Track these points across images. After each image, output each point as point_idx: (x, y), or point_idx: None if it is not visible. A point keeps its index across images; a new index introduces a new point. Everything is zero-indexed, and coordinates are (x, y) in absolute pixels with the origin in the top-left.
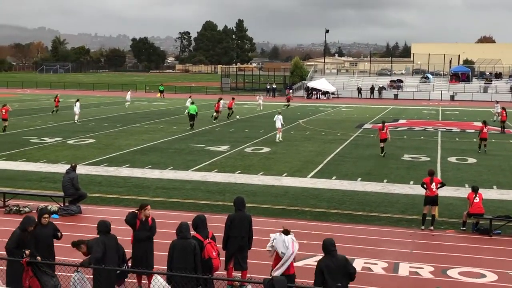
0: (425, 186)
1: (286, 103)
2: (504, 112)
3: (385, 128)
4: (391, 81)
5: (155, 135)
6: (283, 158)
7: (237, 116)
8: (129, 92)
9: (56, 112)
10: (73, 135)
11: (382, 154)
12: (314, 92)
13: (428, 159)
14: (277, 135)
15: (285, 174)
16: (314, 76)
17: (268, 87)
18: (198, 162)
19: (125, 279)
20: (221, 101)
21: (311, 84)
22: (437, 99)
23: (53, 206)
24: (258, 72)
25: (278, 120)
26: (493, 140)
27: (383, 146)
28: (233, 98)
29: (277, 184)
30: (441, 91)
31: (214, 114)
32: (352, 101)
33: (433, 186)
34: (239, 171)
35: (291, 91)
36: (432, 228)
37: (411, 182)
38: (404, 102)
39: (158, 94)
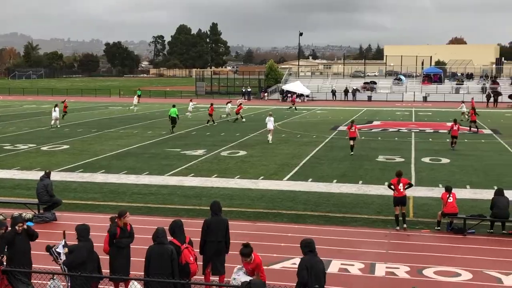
0: (392, 187)
1: (292, 105)
2: (473, 112)
3: (353, 127)
4: (364, 83)
5: (130, 140)
6: (260, 161)
7: (243, 120)
8: (135, 97)
9: (63, 117)
10: (47, 141)
11: (351, 153)
12: (289, 95)
13: (403, 160)
14: (269, 137)
15: (262, 177)
16: (288, 78)
17: (244, 90)
18: (174, 166)
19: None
20: (229, 105)
21: (286, 87)
22: (410, 101)
23: (28, 214)
24: (233, 76)
25: (270, 122)
26: (465, 140)
27: (353, 145)
28: (240, 104)
29: (254, 187)
30: (414, 92)
31: (209, 118)
32: (327, 103)
33: (401, 186)
34: (216, 175)
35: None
36: (405, 226)
37: (386, 183)
38: (378, 104)
39: (137, 99)
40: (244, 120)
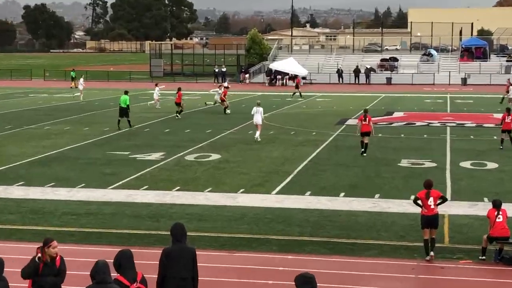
0: (419, 202)
1: (296, 91)
2: None
3: (367, 119)
4: (382, 60)
5: (59, 139)
6: (239, 168)
7: (228, 111)
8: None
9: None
10: None
11: (362, 152)
12: (279, 77)
13: (434, 164)
14: (257, 133)
15: (242, 190)
16: (278, 54)
17: (216, 70)
18: (120, 176)
19: None
20: (220, 90)
21: (275, 65)
22: (444, 84)
23: None
24: (201, 51)
25: (259, 114)
26: None
27: (366, 143)
28: (226, 87)
29: (231, 204)
30: (449, 72)
31: (177, 108)
32: (331, 88)
33: (431, 202)
34: (178, 187)
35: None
36: (432, 254)
37: (412, 197)
38: (400, 89)
39: (72, 83)
40: (228, 111)
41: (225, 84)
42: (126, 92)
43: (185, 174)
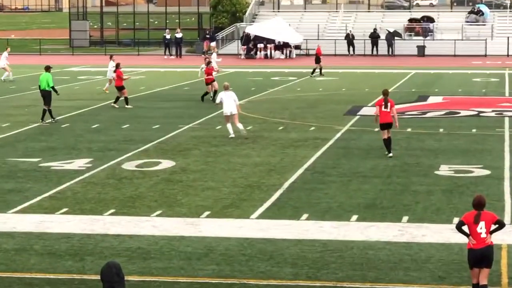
0: (465, 229)
1: (316, 66)
2: None
3: (389, 105)
4: (411, 20)
5: None
6: (202, 180)
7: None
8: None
9: None
10: None
11: (389, 154)
12: (261, 46)
13: (487, 172)
14: (229, 129)
15: (207, 213)
16: (259, 13)
17: (168, 37)
18: (28, 194)
19: None
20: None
21: (254, 29)
22: (501, 55)
23: None
24: (145, 8)
25: (230, 100)
26: None
27: (389, 139)
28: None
29: (191, 233)
30: (508, 38)
31: (118, 93)
32: (337, 61)
33: (481, 228)
34: (113, 210)
35: (212, 43)
36: None
37: (455, 221)
38: (437, 62)
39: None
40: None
41: (213, 55)
42: (47, 68)
43: (123, 190)
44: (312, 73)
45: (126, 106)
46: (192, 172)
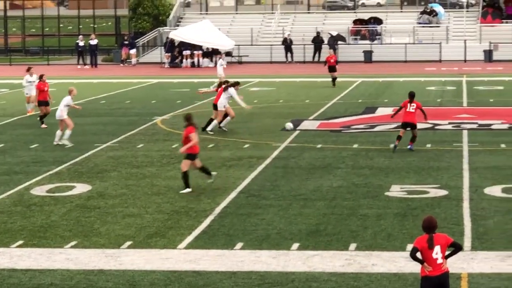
0: (418, 256)
1: (334, 75)
2: None
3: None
4: (356, 22)
5: None
6: (123, 206)
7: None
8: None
9: None
10: None
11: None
12: (187, 53)
13: (444, 192)
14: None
15: (128, 243)
16: (184, 16)
17: (81, 44)
18: None
19: None
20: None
21: (180, 34)
22: (457, 60)
23: None
24: (56, 11)
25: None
26: None
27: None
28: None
29: (111, 266)
30: (465, 41)
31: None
32: (273, 69)
33: (436, 253)
34: (21, 242)
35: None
36: None
37: (409, 246)
38: (386, 69)
39: None
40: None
41: (219, 71)
42: None
43: (32, 219)
44: (333, 82)
45: (42, 125)
46: (111, 197)
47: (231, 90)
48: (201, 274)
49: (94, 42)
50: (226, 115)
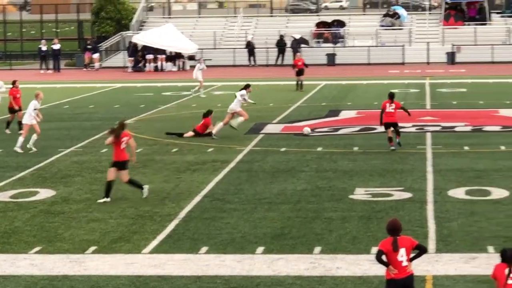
0: (384, 259)
1: (300, 79)
2: None
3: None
4: (319, 25)
5: None
6: (87, 211)
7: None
8: None
9: None
10: None
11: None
12: (150, 57)
13: (407, 195)
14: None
15: (93, 248)
16: (147, 20)
17: (44, 49)
18: None
19: None
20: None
21: (142, 38)
22: (420, 63)
23: None
24: (18, 17)
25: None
26: None
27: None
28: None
29: (76, 272)
30: (428, 44)
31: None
32: (237, 73)
33: (401, 256)
34: None
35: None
36: None
37: (373, 249)
38: (349, 72)
39: None
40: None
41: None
42: None
43: None
44: (298, 86)
45: (6, 130)
46: (75, 202)
47: (242, 92)
48: (166, 278)
49: (56, 46)
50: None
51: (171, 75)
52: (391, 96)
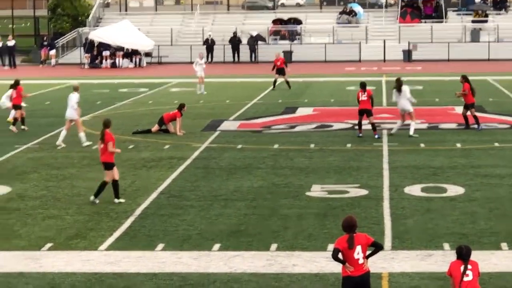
0: (340, 257)
1: (279, 77)
2: (467, 88)
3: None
4: (276, 22)
5: None
6: (43, 208)
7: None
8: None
9: None
10: None
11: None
12: (106, 54)
13: (364, 192)
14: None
15: (49, 245)
16: (104, 16)
17: None
18: None
19: None
20: None
21: (99, 35)
22: (377, 60)
23: None
24: None
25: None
26: (496, 144)
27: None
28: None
29: (31, 269)
30: (384, 41)
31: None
32: (194, 69)
33: (358, 253)
34: None
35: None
36: None
37: (330, 246)
38: (305, 69)
39: None
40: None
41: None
42: None
43: None
44: (274, 85)
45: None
46: (31, 199)
47: None
48: (122, 275)
49: (11, 43)
50: None
51: (128, 71)
52: (363, 86)
